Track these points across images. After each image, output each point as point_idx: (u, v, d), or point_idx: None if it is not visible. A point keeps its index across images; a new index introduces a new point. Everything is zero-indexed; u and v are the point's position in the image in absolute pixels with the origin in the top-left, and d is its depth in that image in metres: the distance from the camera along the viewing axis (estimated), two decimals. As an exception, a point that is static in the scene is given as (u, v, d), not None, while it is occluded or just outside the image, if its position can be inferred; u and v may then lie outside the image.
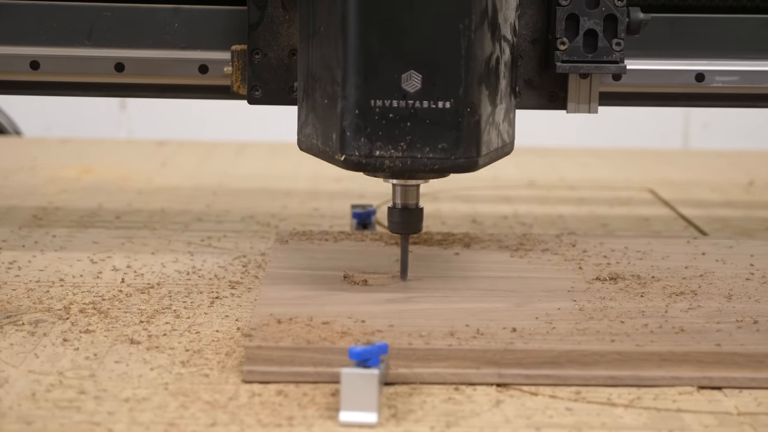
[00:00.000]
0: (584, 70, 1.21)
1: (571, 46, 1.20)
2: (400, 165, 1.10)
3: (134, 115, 3.29)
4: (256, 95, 1.24)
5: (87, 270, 1.32)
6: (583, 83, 1.25)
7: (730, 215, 1.70)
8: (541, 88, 1.26)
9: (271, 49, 1.23)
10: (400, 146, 1.09)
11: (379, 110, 1.09)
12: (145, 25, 1.29)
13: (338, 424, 0.94)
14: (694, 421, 0.96)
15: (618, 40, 1.20)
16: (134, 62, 1.29)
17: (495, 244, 1.35)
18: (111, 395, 0.98)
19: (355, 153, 1.09)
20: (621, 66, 1.20)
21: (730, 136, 3.27)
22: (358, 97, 1.08)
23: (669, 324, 1.09)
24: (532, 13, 1.23)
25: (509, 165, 2.10)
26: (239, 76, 1.24)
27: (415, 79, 1.08)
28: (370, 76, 1.08)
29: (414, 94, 1.08)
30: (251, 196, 1.78)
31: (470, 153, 1.10)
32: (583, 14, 1.20)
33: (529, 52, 1.24)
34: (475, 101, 1.09)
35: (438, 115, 1.09)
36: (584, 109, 1.25)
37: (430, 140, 1.09)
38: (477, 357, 1.02)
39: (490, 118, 1.12)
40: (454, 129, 1.09)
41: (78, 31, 1.29)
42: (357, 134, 1.09)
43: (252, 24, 1.23)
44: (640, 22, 1.20)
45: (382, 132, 1.09)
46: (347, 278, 1.21)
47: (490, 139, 1.12)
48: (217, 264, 1.36)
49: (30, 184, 1.84)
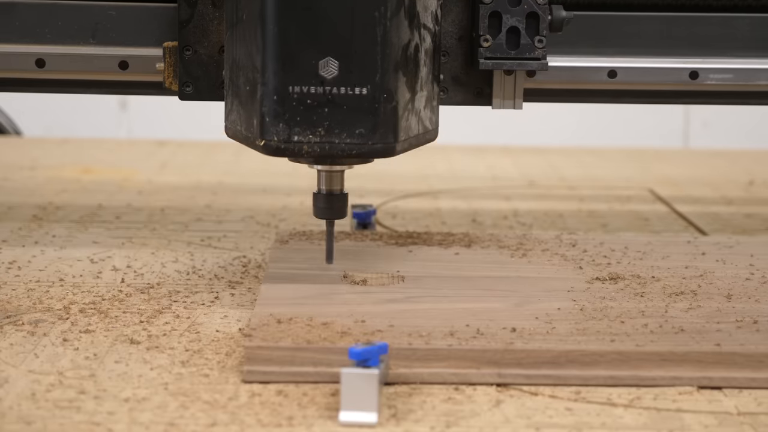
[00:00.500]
0: (507, 67, 1.23)
1: (494, 43, 1.22)
2: (318, 150, 1.11)
3: (134, 115, 3.29)
4: (187, 91, 1.26)
5: (87, 270, 1.32)
6: (507, 80, 1.27)
7: (730, 215, 1.71)
8: (468, 85, 1.28)
9: (201, 45, 1.25)
10: (318, 132, 1.11)
11: (297, 96, 1.10)
12: (148, 23, 1.30)
13: (338, 424, 0.94)
14: (694, 421, 0.96)
15: (540, 37, 1.22)
16: (138, 60, 1.30)
17: (495, 244, 1.35)
18: (111, 395, 0.98)
19: (274, 138, 1.11)
20: (543, 63, 1.22)
21: (730, 135, 3.27)
22: (276, 84, 1.10)
23: (669, 324, 1.09)
24: (457, 10, 1.25)
25: (509, 165, 2.10)
26: (171, 72, 1.26)
27: (332, 66, 1.10)
28: (287, 63, 1.10)
29: (331, 80, 1.10)
30: (251, 196, 1.79)
31: (387, 138, 1.11)
32: (505, 12, 1.22)
33: (456, 49, 1.26)
34: (391, 88, 1.11)
35: (355, 101, 1.10)
36: (509, 105, 1.28)
37: (347, 126, 1.11)
38: (477, 357, 1.02)
39: (408, 105, 1.13)
40: (370, 114, 1.11)
41: (83, 29, 1.30)
42: (276, 120, 1.11)
43: (182, 21, 1.24)
44: (563, 20, 1.23)
45: (300, 117, 1.10)
46: (347, 278, 1.21)
47: (409, 125, 1.13)
48: (217, 264, 1.36)
49: (30, 184, 1.84)
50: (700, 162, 2.22)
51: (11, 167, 1.99)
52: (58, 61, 1.31)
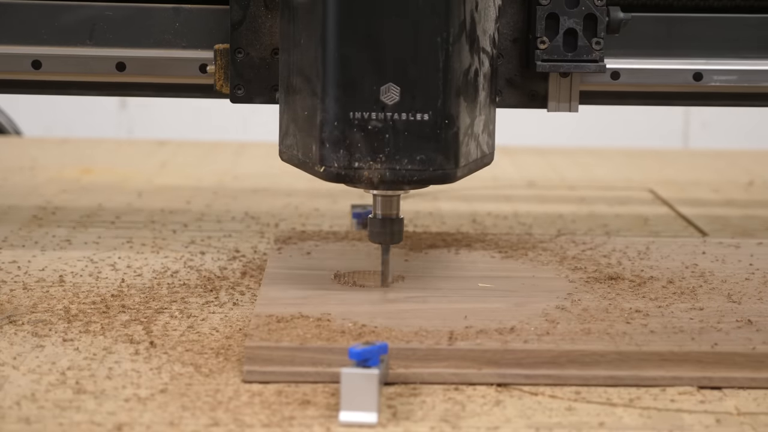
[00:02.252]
0: (564, 69, 1.22)
1: (551, 45, 1.21)
2: (378, 176, 1.10)
3: (134, 115, 3.29)
4: (238, 94, 1.25)
5: (87, 270, 1.32)
6: (563, 82, 1.26)
7: (730, 215, 1.71)
8: (522, 87, 1.26)
9: (253, 47, 1.24)
10: (379, 158, 1.10)
11: (357, 122, 1.09)
12: (146, 24, 1.29)
13: (338, 424, 0.94)
14: (694, 421, 0.96)
15: (598, 39, 1.21)
16: (135, 62, 1.30)
17: (495, 244, 1.35)
18: (111, 395, 0.98)
19: (335, 165, 1.10)
20: (600, 65, 1.21)
21: (730, 135, 3.28)
22: (337, 110, 1.09)
23: (669, 324, 1.09)
24: (513, 12, 1.24)
25: (509, 165, 2.10)
26: (222, 74, 1.25)
27: (393, 92, 1.09)
28: (348, 89, 1.09)
29: (392, 106, 1.09)
30: (251, 196, 1.79)
31: (449, 165, 1.11)
32: (563, 13, 1.21)
33: (510, 51, 1.25)
34: (453, 113, 1.10)
35: (416, 127, 1.09)
36: (564, 107, 1.26)
37: (408, 152, 1.10)
38: (477, 357, 1.02)
39: (468, 130, 1.12)
40: (432, 141, 1.10)
41: (80, 30, 1.30)
42: (336, 146, 1.10)
43: (234, 23, 1.24)
44: (620, 21, 1.21)
45: (361, 144, 1.10)
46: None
47: (468, 151, 1.13)
48: (217, 264, 1.36)
49: (30, 184, 1.84)
50: (700, 162, 2.22)
51: (11, 167, 1.99)
52: (54, 62, 1.30)
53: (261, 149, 2.26)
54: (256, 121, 3.08)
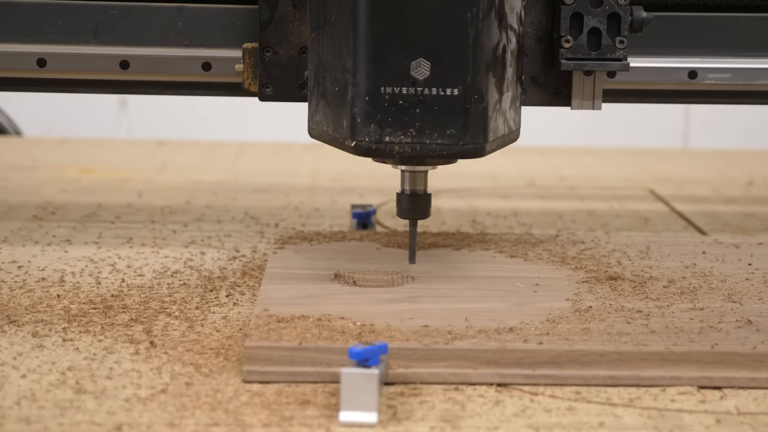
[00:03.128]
0: (588, 68, 1.23)
1: (576, 44, 1.22)
2: (409, 150, 1.11)
3: (134, 115, 3.29)
4: (266, 92, 1.26)
5: (87, 270, 1.32)
6: (587, 80, 1.27)
7: (730, 215, 1.71)
8: (546, 86, 1.28)
9: (281, 47, 1.25)
10: (410, 132, 1.11)
11: (388, 97, 1.11)
12: (149, 23, 1.30)
13: (338, 424, 0.94)
14: (694, 421, 0.96)
15: (621, 38, 1.22)
16: (139, 60, 1.31)
17: (495, 244, 1.35)
18: (111, 395, 0.98)
19: (365, 139, 1.11)
20: (624, 63, 1.22)
21: (730, 135, 3.28)
22: (368, 85, 1.10)
23: (669, 324, 1.09)
24: (537, 11, 1.25)
25: (509, 165, 2.10)
26: (250, 73, 1.26)
27: (423, 67, 1.10)
28: (379, 64, 1.10)
29: (423, 81, 1.10)
30: (251, 196, 1.79)
31: (478, 139, 1.12)
32: (587, 13, 1.22)
33: (534, 50, 1.26)
34: (482, 88, 1.11)
35: (446, 102, 1.11)
36: (588, 105, 1.28)
37: (438, 126, 1.11)
38: (477, 357, 1.02)
39: (497, 105, 1.13)
40: (462, 115, 1.11)
41: (84, 29, 1.31)
42: (367, 120, 1.11)
43: (263, 22, 1.25)
44: (643, 21, 1.22)
45: (391, 118, 1.11)
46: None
47: (497, 126, 1.14)
48: (217, 264, 1.36)
49: (30, 184, 1.84)
50: (700, 162, 2.22)
51: (11, 167, 1.99)
52: (59, 60, 1.31)
53: (261, 149, 2.26)
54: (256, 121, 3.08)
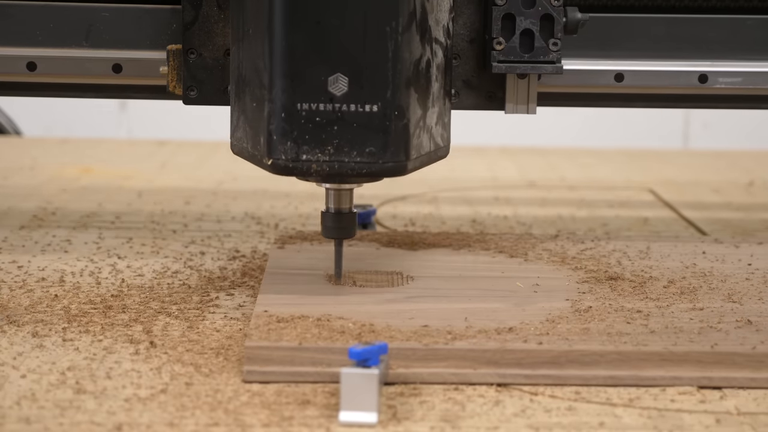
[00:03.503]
0: (521, 70, 1.20)
1: (508, 46, 1.19)
2: (327, 169, 1.08)
3: (134, 115, 3.29)
4: (191, 95, 1.23)
5: (87, 270, 1.32)
6: (521, 83, 1.24)
7: (730, 215, 1.70)
8: (480, 88, 1.24)
9: (206, 48, 1.22)
10: (327, 150, 1.08)
11: (305, 114, 1.08)
12: (142, 26, 1.28)
13: (338, 424, 0.94)
14: (694, 421, 0.96)
15: (555, 39, 1.19)
16: (132, 63, 1.29)
17: (495, 245, 1.35)
18: (111, 395, 0.98)
19: (282, 157, 1.09)
20: (558, 66, 1.19)
21: (730, 136, 3.27)
22: (284, 101, 1.07)
23: (669, 324, 1.09)
24: (469, 12, 1.22)
25: (509, 165, 2.10)
26: (175, 75, 1.23)
27: (341, 82, 1.07)
28: (296, 80, 1.07)
29: (341, 97, 1.07)
30: (251, 196, 1.79)
31: (399, 157, 1.09)
32: (519, 14, 1.18)
33: (467, 52, 1.23)
34: (403, 104, 1.08)
35: (365, 118, 1.08)
36: (522, 109, 1.24)
37: (357, 144, 1.08)
38: (476, 357, 1.02)
39: (420, 122, 1.11)
40: (381, 132, 1.08)
41: (75, 32, 1.28)
42: (284, 138, 1.08)
43: (187, 23, 1.22)
44: (578, 22, 1.19)
45: (308, 136, 1.08)
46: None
47: (420, 143, 1.11)
48: (217, 264, 1.36)
49: (30, 184, 1.84)
50: (700, 163, 2.22)
51: (11, 167, 1.99)
52: (49, 64, 1.29)
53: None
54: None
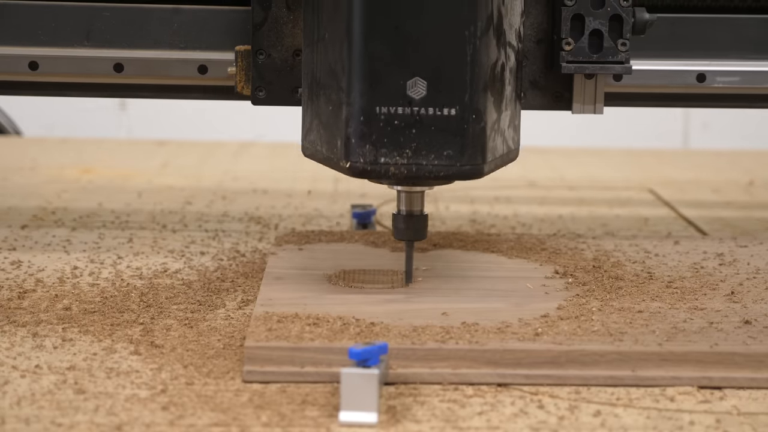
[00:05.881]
0: (589, 71, 1.21)
1: (577, 47, 1.20)
2: (405, 172, 1.09)
3: (134, 115, 3.29)
4: (260, 96, 1.25)
5: (87, 270, 1.32)
6: (588, 84, 1.25)
7: (730, 215, 1.70)
8: (546, 89, 1.26)
9: (275, 49, 1.23)
10: (405, 153, 1.09)
11: (384, 117, 1.08)
12: (144, 25, 1.29)
13: (338, 424, 0.94)
14: (694, 421, 0.96)
15: (623, 40, 1.20)
16: (133, 62, 1.29)
17: (494, 244, 1.35)
18: (111, 395, 0.98)
19: (360, 160, 1.09)
20: (626, 66, 1.20)
21: (730, 136, 3.27)
22: (363, 104, 1.08)
23: (669, 324, 1.09)
24: (537, 13, 1.23)
25: (509, 165, 2.10)
26: (243, 76, 1.24)
27: (420, 86, 1.08)
28: (375, 83, 1.08)
29: (419, 100, 1.08)
30: (251, 196, 1.79)
31: (475, 160, 1.10)
32: (588, 14, 1.20)
33: (534, 53, 1.24)
34: (480, 108, 1.09)
35: (443, 122, 1.08)
36: (589, 109, 1.26)
37: (435, 147, 1.09)
38: (477, 357, 1.02)
39: (495, 125, 1.11)
40: (459, 136, 1.09)
41: (77, 31, 1.29)
42: (362, 141, 1.09)
43: (256, 24, 1.23)
44: (646, 23, 1.20)
45: (387, 139, 1.09)
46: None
47: (495, 146, 1.12)
48: (217, 264, 1.36)
49: (30, 184, 1.84)
50: (700, 163, 2.22)
51: (11, 167, 1.99)
52: (51, 63, 1.29)
53: (261, 149, 2.26)
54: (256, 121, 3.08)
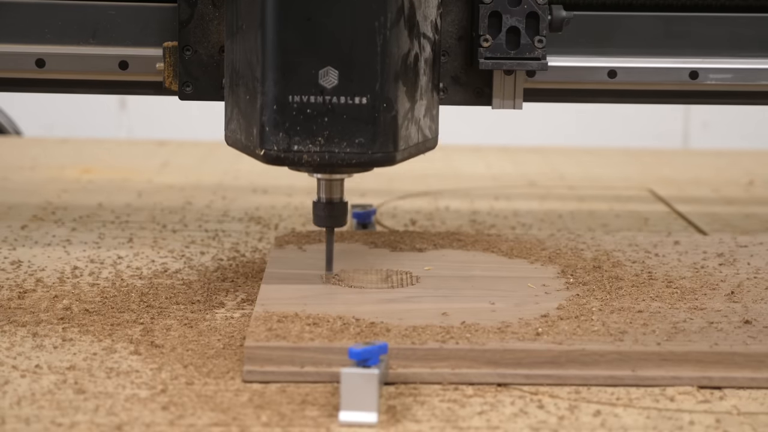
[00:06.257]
0: (507, 67, 1.23)
1: (494, 43, 1.23)
2: (318, 159, 1.12)
3: (134, 115, 3.29)
4: (187, 91, 1.26)
5: (87, 270, 1.32)
6: (507, 80, 1.28)
7: (730, 215, 1.71)
8: (468, 85, 1.28)
9: (201, 45, 1.25)
10: (318, 141, 1.11)
11: (297, 105, 1.11)
12: (149, 23, 1.30)
13: (338, 424, 0.94)
14: (694, 421, 0.96)
15: (540, 37, 1.23)
16: (138, 60, 1.30)
17: (495, 244, 1.35)
18: (111, 395, 0.98)
19: (274, 147, 1.12)
20: (543, 63, 1.23)
21: (730, 135, 3.27)
22: (276, 93, 1.11)
23: (669, 324, 1.09)
24: (457, 10, 1.26)
25: (509, 165, 2.10)
26: (171, 72, 1.26)
27: (332, 75, 1.10)
28: (287, 72, 1.10)
29: (331, 89, 1.10)
30: (251, 196, 1.79)
31: (387, 147, 1.12)
32: (505, 12, 1.23)
33: (456, 49, 1.27)
34: (391, 97, 1.12)
35: (355, 110, 1.11)
36: (509, 105, 1.28)
37: (347, 135, 1.11)
38: (477, 357, 1.03)
39: (408, 114, 1.14)
40: (370, 124, 1.11)
41: (83, 29, 1.31)
42: (275, 129, 1.11)
43: (182, 21, 1.25)
44: (563, 20, 1.24)
45: (300, 127, 1.11)
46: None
47: (408, 134, 1.14)
48: (217, 264, 1.36)
49: (30, 184, 1.84)
50: (700, 162, 2.22)
51: (11, 167, 1.99)
52: (58, 61, 1.31)
53: (261, 149, 2.25)
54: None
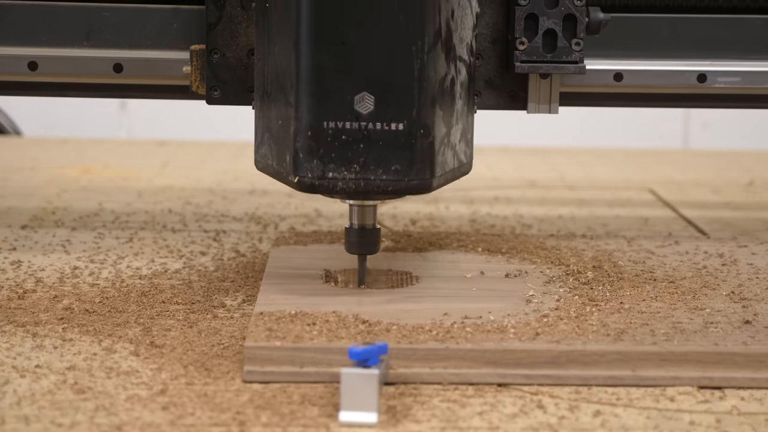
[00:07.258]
0: (543, 70, 1.20)
1: (531, 46, 1.20)
2: (353, 187, 1.09)
3: (134, 115, 3.29)
4: (214, 95, 1.24)
5: (87, 270, 1.32)
6: (543, 83, 1.25)
7: (730, 215, 1.71)
8: (502, 89, 1.25)
9: (229, 48, 1.23)
10: (353, 168, 1.09)
11: (332, 132, 1.08)
12: (143, 25, 1.29)
13: (338, 424, 0.94)
14: (694, 421, 0.96)
15: (577, 39, 1.20)
16: (133, 63, 1.29)
17: (495, 244, 1.35)
18: (111, 395, 0.98)
19: (308, 175, 1.09)
20: (580, 66, 1.20)
21: (730, 135, 3.27)
22: (310, 119, 1.08)
23: (669, 324, 1.09)
24: (491, 12, 1.23)
25: (509, 165, 2.10)
26: (198, 75, 1.24)
27: (368, 101, 1.08)
28: (322, 98, 1.08)
29: (367, 115, 1.08)
30: (251, 196, 1.79)
31: (424, 175, 1.10)
32: (542, 14, 1.20)
33: (490, 52, 1.24)
34: (428, 123, 1.09)
35: (391, 136, 1.08)
36: (545, 109, 1.25)
37: (383, 162, 1.09)
38: (477, 357, 1.02)
39: (444, 140, 1.11)
40: (407, 150, 1.09)
41: (76, 31, 1.29)
42: (310, 156, 1.09)
43: (210, 23, 1.23)
44: (600, 22, 1.20)
45: (335, 154, 1.09)
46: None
47: (445, 160, 1.12)
48: (217, 264, 1.36)
49: (30, 184, 1.84)
50: (700, 163, 2.22)
51: (11, 167, 1.99)
52: (51, 63, 1.29)
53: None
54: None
